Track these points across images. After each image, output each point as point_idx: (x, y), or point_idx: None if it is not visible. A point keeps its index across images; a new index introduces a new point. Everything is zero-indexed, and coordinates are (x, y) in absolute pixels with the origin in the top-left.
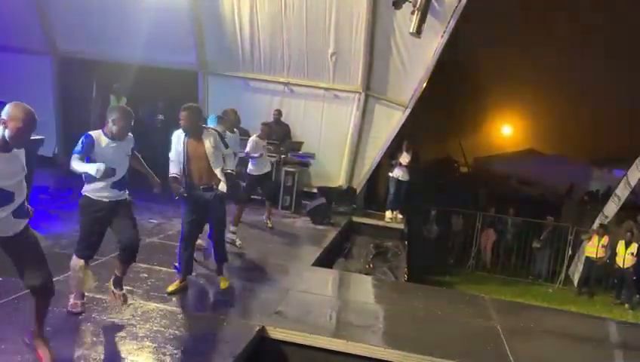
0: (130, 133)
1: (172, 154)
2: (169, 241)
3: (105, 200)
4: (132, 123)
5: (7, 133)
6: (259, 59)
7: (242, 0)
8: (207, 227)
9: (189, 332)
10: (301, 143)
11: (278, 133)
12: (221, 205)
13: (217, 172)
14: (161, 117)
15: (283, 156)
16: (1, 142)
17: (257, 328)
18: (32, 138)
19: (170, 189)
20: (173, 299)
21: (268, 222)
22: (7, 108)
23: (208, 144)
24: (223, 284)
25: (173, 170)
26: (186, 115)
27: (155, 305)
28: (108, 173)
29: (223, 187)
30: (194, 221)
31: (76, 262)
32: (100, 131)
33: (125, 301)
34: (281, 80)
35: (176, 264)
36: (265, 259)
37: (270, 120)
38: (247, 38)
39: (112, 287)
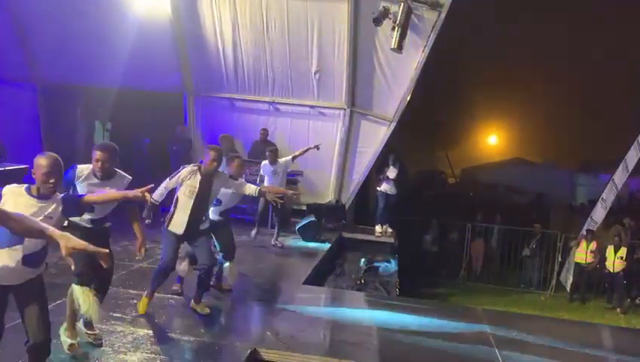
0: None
1: (171, 183)
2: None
3: None
4: None
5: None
6: (243, 79)
7: (224, 20)
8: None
9: (180, 357)
10: None
11: (265, 152)
12: (208, 242)
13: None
14: (147, 141)
15: None
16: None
17: (249, 350)
18: (16, 167)
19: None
20: (162, 324)
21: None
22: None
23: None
24: (204, 310)
25: (158, 197)
26: (216, 156)
27: (145, 331)
28: None
29: (205, 225)
30: (176, 251)
31: None
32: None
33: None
34: (266, 99)
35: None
36: (255, 280)
37: (257, 139)
38: (231, 59)
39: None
